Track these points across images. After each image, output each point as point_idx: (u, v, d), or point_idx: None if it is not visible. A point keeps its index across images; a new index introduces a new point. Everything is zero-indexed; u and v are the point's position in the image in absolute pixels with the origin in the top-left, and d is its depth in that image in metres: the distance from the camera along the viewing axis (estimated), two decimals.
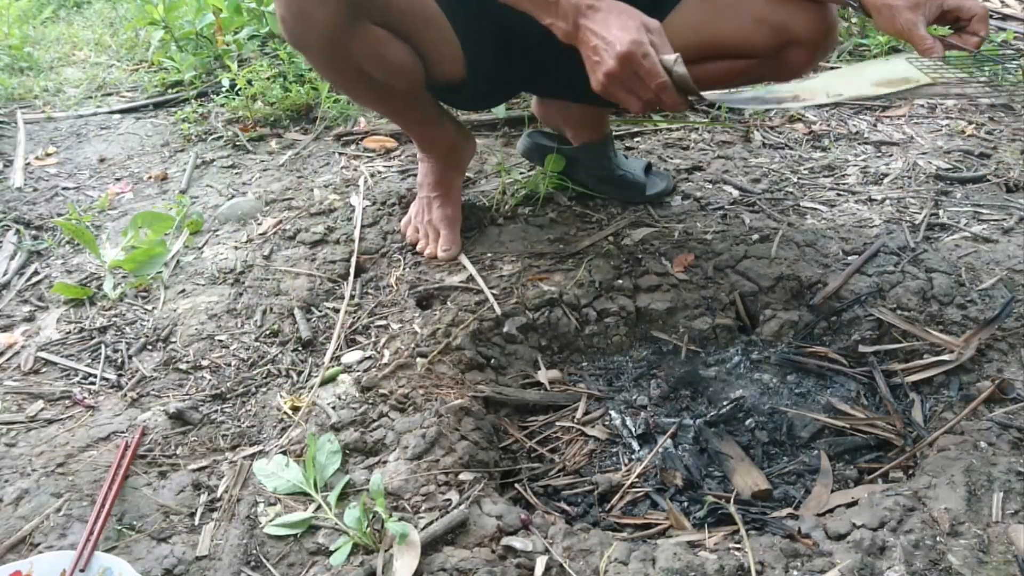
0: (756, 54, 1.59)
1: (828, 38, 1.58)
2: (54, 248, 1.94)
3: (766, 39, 1.55)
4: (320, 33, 1.46)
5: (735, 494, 1.23)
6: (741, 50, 1.60)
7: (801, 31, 1.53)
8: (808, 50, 1.57)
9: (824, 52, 1.64)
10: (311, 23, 1.44)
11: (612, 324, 1.62)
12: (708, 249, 1.73)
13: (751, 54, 1.59)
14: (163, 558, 1.11)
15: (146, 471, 1.27)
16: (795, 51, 1.56)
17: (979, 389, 1.35)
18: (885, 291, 1.58)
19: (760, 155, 2.20)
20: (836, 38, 1.62)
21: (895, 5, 1.32)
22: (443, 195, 1.80)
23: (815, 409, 1.41)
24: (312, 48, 1.53)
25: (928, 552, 1.06)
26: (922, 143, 2.22)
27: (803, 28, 1.53)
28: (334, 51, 1.51)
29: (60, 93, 3.03)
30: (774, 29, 1.53)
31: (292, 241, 1.87)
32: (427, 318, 1.57)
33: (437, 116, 1.79)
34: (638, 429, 1.38)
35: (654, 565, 1.06)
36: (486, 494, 1.20)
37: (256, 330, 1.59)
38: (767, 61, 1.59)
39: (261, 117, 2.56)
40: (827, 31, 1.56)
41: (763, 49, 1.57)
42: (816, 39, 1.55)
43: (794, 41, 1.54)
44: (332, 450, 1.26)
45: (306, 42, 1.51)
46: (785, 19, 1.52)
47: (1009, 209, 1.86)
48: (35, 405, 1.42)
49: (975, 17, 1.33)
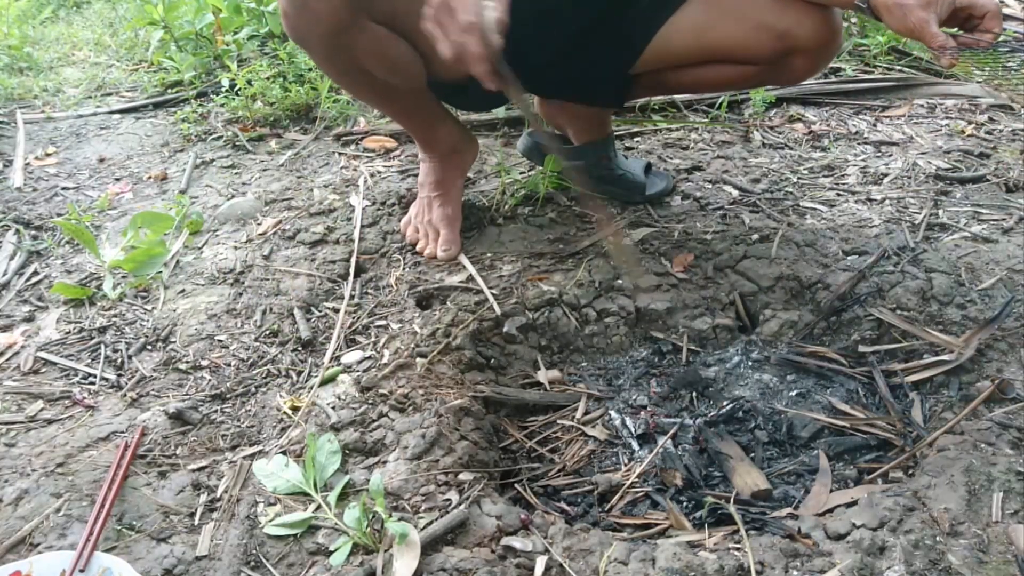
0: (758, 61, 1.57)
1: (832, 44, 1.56)
2: (54, 248, 1.94)
3: (769, 46, 1.53)
4: (321, 28, 1.45)
5: (735, 494, 1.23)
6: (743, 56, 1.58)
7: (805, 38, 1.51)
8: (811, 57, 1.56)
9: (828, 58, 1.62)
10: (312, 17, 1.44)
11: (612, 324, 1.62)
12: (708, 249, 1.73)
13: (753, 60, 1.58)
14: (163, 558, 1.11)
15: (146, 471, 1.27)
16: (798, 58, 1.55)
17: (979, 389, 1.35)
18: (885, 291, 1.58)
19: (760, 155, 2.20)
20: (840, 43, 1.59)
21: (906, 4, 1.28)
22: (444, 195, 1.80)
23: (815, 409, 1.41)
24: (313, 43, 1.53)
25: (928, 552, 1.06)
26: (922, 143, 2.22)
27: (807, 35, 1.50)
28: (335, 47, 1.51)
29: (60, 93, 3.03)
30: (777, 36, 1.51)
31: (292, 241, 1.87)
32: (427, 318, 1.57)
33: (439, 117, 1.78)
34: (638, 429, 1.38)
35: (654, 565, 1.06)
36: (486, 494, 1.20)
37: (256, 330, 1.59)
38: (770, 67, 1.58)
39: (261, 117, 2.56)
40: (831, 37, 1.53)
41: (765, 56, 1.55)
42: (820, 46, 1.53)
43: (797, 48, 1.52)
44: (332, 450, 1.26)
45: (307, 37, 1.51)
46: (788, 26, 1.50)
47: (1009, 209, 1.86)
48: (35, 405, 1.42)
49: (988, 14, 1.29)
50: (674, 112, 2.46)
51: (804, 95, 2.51)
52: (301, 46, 1.60)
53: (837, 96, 2.52)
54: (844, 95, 2.52)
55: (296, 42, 1.58)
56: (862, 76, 2.62)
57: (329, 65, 1.63)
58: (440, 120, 1.79)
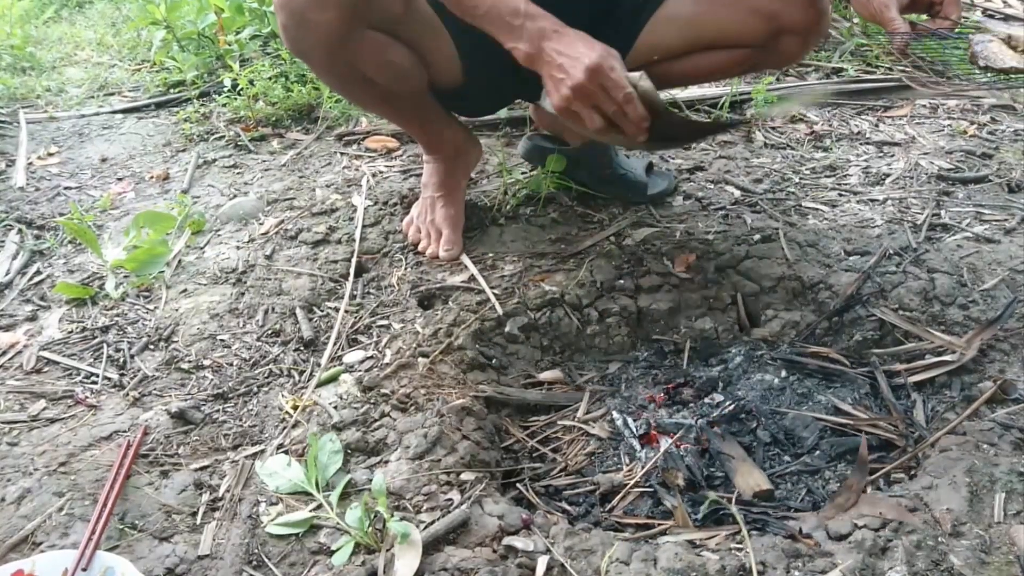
0: (749, 44, 1.60)
1: (820, 24, 1.58)
2: (56, 248, 1.94)
3: (759, 28, 1.56)
4: (322, 40, 1.46)
5: (736, 494, 1.23)
6: (734, 40, 1.61)
7: (794, 19, 1.54)
8: (801, 37, 1.58)
9: (817, 39, 1.65)
10: (312, 30, 1.44)
11: (614, 324, 1.62)
12: (710, 249, 1.73)
13: (745, 44, 1.61)
14: (165, 557, 1.11)
15: (148, 470, 1.27)
16: (788, 39, 1.57)
17: (981, 390, 1.35)
18: (887, 291, 1.58)
19: (762, 155, 2.20)
20: (828, 23, 1.63)
21: None
22: (447, 195, 1.80)
23: (817, 409, 1.41)
24: (314, 56, 1.53)
25: (930, 553, 1.06)
26: (924, 143, 2.22)
27: (796, 16, 1.54)
28: (336, 58, 1.51)
29: (62, 93, 3.03)
30: (767, 18, 1.54)
31: (294, 241, 1.87)
32: (429, 318, 1.57)
33: (442, 120, 1.79)
34: (640, 430, 1.38)
35: (655, 565, 1.06)
36: (488, 494, 1.20)
37: (258, 330, 1.59)
38: (760, 50, 1.61)
39: (263, 117, 2.56)
40: (819, 17, 1.56)
41: (756, 39, 1.58)
42: (808, 26, 1.56)
43: (787, 29, 1.55)
44: (334, 450, 1.26)
45: (308, 50, 1.52)
46: (777, 8, 1.53)
47: (1011, 209, 1.86)
48: (37, 404, 1.42)
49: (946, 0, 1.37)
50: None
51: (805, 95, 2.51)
52: (302, 59, 1.60)
53: (839, 96, 2.52)
54: (846, 95, 2.52)
55: (297, 55, 1.58)
56: (864, 76, 2.62)
57: (330, 76, 1.63)
58: (443, 123, 1.79)
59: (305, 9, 1.41)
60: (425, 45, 1.57)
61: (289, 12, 1.44)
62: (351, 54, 1.51)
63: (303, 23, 1.44)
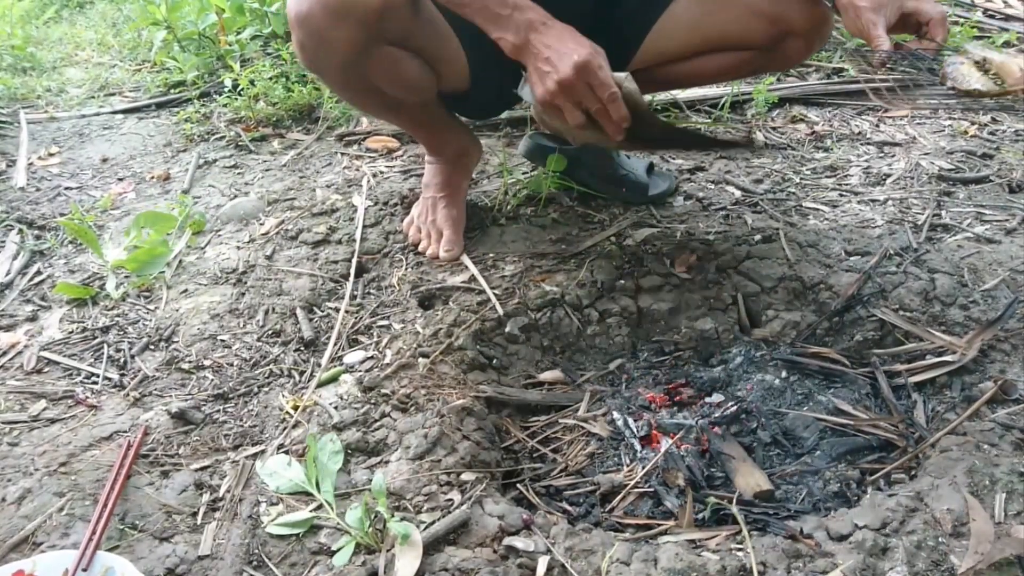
0: (754, 46, 1.61)
1: (823, 27, 1.60)
2: (57, 248, 1.94)
3: (764, 31, 1.57)
4: (339, 58, 1.46)
5: (737, 495, 1.23)
6: (739, 43, 1.62)
7: (798, 22, 1.56)
8: (805, 40, 1.60)
9: (821, 42, 1.66)
10: (330, 48, 1.44)
11: (614, 324, 1.62)
12: (710, 249, 1.73)
13: (749, 47, 1.62)
14: (165, 557, 1.11)
15: (148, 471, 1.27)
16: (793, 42, 1.59)
17: (982, 390, 1.35)
18: (888, 292, 1.58)
19: (762, 155, 2.20)
20: (831, 27, 1.65)
21: (860, 6, 1.36)
22: (449, 196, 1.81)
23: (817, 410, 1.40)
24: (331, 73, 1.54)
25: (930, 553, 1.06)
26: (925, 143, 2.22)
27: (800, 19, 1.55)
28: (350, 73, 1.52)
29: (63, 93, 3.04)
30: (771, 21, 1.56)
31: (294, 241, 1.87)
32: (429, 318, 1.57)
33: (447, 123, 1.80)
34: (640, 430, 1.38)
35: (656, 565, 1.06)
36: (488, 494, 1.20)
37: (258, 330, 1.59)
38: (764, 53, 1.62)
39: (263, 117, 2.56)
40: (822, 21, 1.58)
41: (761, 41, 1.59)
42: (812, 29, 1.58)
43: (791, 32, 1.57)
44: (334, 450, 1.26)
45: (325, 68, 1.52)
46: (782, 10, 1.55)
47: (1012, 210, 1.86)
48: (38, 404, 1.42)
49: (932, 21, 1.37)
50: (676, 113, 2.46)
51: (807, 95, 2.51)
52: (318, 75, 1.60)
53: (840, 96, 2.52)
54: (847, 95, 2.52)
55: (314, 72, 1.58)
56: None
57: (345, 90, 1.64)
58: (448, 126, 1.80)
59: (323, 27, 1.40)
60: (435, 51, 1.57)
61: (308, 31, 1.42)
62: (366, 70, 1.51)
63: (322, 41, 1.43)
